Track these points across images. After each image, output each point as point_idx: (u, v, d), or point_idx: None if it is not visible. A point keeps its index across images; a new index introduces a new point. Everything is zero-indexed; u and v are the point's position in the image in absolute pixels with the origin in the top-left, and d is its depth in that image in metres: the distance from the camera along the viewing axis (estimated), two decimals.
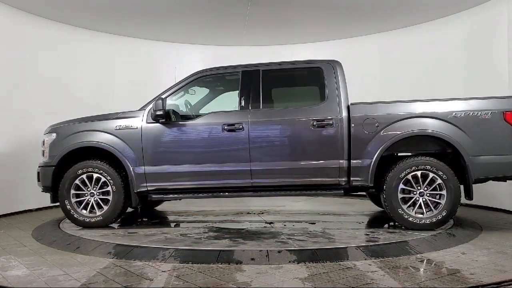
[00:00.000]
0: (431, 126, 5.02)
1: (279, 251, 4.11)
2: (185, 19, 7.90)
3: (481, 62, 7.13)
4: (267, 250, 4.13)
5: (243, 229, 5.40)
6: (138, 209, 6.10)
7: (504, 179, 5.19)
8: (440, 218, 4.95)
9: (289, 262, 3.91)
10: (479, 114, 4.96)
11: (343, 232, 5.03)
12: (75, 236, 4.98)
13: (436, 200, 5.01)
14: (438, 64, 7.83)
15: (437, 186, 5.00)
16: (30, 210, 7.38)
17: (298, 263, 3.88)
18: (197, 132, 5.38)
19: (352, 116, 5.14)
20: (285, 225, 5.51)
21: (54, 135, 5.76)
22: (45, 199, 7.56)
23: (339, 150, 5.11)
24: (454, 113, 5.00)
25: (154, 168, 5.40)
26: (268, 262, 3.92)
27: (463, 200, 7.14)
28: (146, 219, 6.38)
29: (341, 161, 5.11)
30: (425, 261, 3.95)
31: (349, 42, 9.00)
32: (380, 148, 5.05)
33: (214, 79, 5.88)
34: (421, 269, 3.68)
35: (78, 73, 8.24)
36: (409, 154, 5.27)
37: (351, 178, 5.13)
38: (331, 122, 5.13)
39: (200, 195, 5.43)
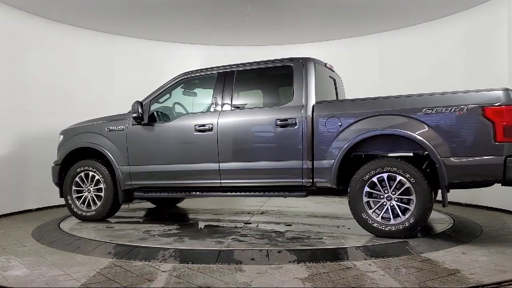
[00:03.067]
0: (397, 124, 4.57)
1: (279, 251, 4.11)
2: (185, 19, 7.90)
3: (481, 62, 7.13)
4: (267, 250, 4.13)
5: (214, 226, 5.58)
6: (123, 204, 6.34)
7: (483, 184, 4.66)
8: (407, 225, 4.47)
9: (289, 262, 3.91)
10: (453, 110, 4.38)
11: (303, 234, 4.89)
12: (75, 236, 4.98)
13: (405, 206, 4.54)
14: (438, 64, 7.83)
15: (406, 190, 4.52)
16: (30, 210, 7.37)
17: (298, 263, 3.88)
18: (172, 133, 5.59)
19: (315, 115, 4.92)
20: (257, 226, 5.52)
21: (62, 137, 6.37)
22: (45, 199, 7.62)
23: (302, 150, 4.92)
24: (424, 110, 4.48)
25: (136, 167, 5.75)
26: (268, 262, 3.92)
27: (463, 200, 7.21)
28: (168, 216, 6.72)
29: (304, 161, 4.93)
30: (425, 261, 3.95)
31: (349, 42, 9.00)
32: (343, 149, 4.76)
33: (196, 81, 5.97)
34: (421, 269, 3.68)
35: (78, 73, 8.23)
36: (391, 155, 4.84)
37: (315, 180, 4.92)
38: (294, 121, 4.97)
39: (175, 194, 5.72)
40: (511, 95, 4.28)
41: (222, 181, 5.35)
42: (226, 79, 5.49)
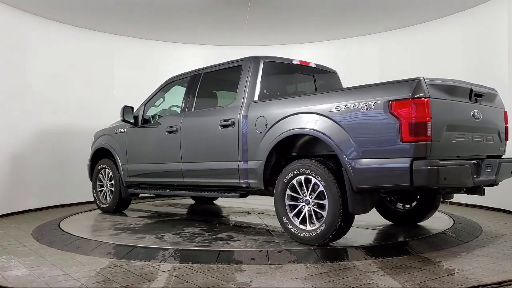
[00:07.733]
0: (310, 123, 4.27)
1: (279, 251, 4.11)
2: (185, 19, 7.91)
3: (481, 62, 7.12)
4: (267, 250, 4.13)
5: (189, 223, 5.77)
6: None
7: (395, 191, 4.33)
8: (319, 232, 4.15)
9: (289, 262, 3.91)
10: (360, 106, 3.95)
11: (231, 236, 4.84)
12: (75, 236, 4.98)
13: (320, 211, 4.22)
14: (438, 64, 7.81)
15: (320, 194, 4.20)
16: (30, 210, 7.38)
17: (298, 263, 3.88)
18: (152, 135, 6.00)
19: (249, 115, 4.82)
20: (222, 225, 5.59)
21: (93, 138, 7.12)
22: (45, 199, 7.62)
23: (238, 150, 4.88)
24: (335, 107, 4.12)
25: (131, 165, 6.29)
26: (268, 262, 3.92)
27: (463, 200, 7.20)
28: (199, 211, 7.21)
29: (240, 162, 4.87)
30: (425, 261, 3.95)
31: (349, 42, 9.00)
32: (266, 149, 4.60)
33: (181, 85, 6.09)
34: (421, 269, 3.68)
35: (78, 73, 8.24)
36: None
37: (249, 181, 4.83)
38: (233, 122, 4.94)
39: (153, 191, 6.35)
40: (424, 85, 3.79)
41: (184, 180, 5.60)
42: (194, 82, 5.70)
